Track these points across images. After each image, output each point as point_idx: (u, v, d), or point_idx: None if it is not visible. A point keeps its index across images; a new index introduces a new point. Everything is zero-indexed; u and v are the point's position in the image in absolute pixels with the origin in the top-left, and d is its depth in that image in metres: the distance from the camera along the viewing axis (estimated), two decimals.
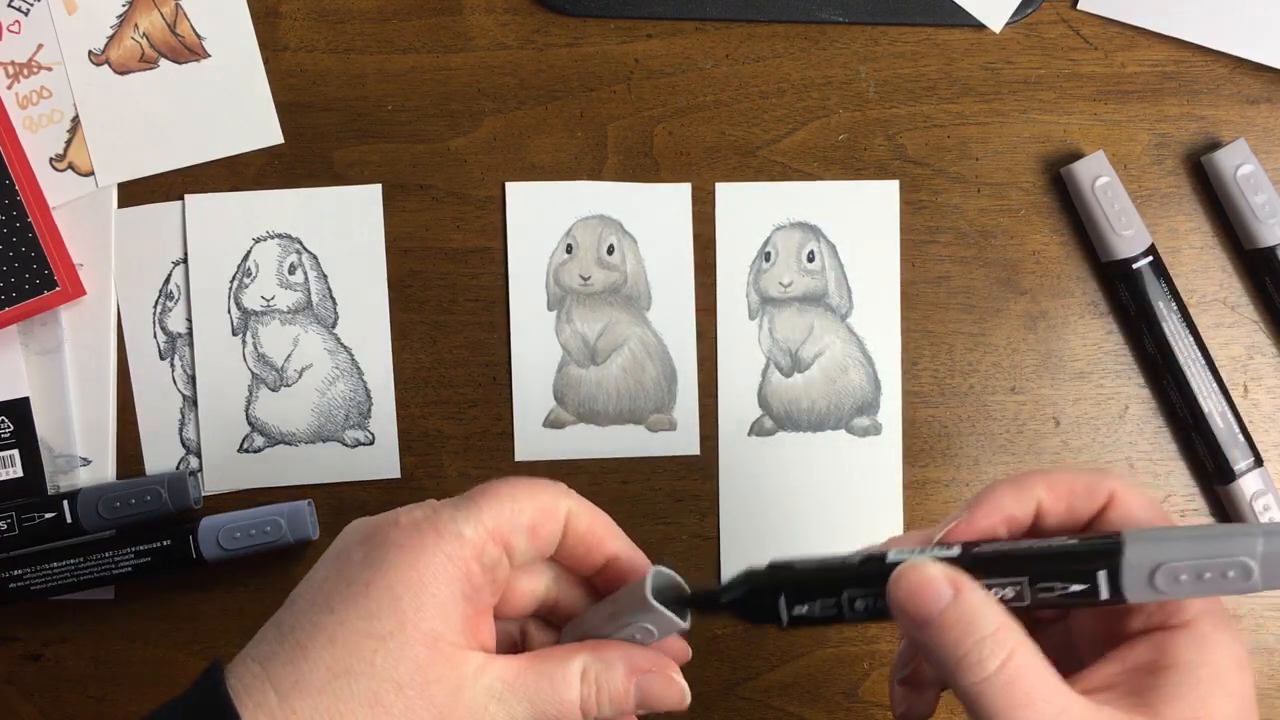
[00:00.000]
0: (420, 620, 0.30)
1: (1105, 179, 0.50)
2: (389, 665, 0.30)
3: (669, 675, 0.34)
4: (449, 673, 0.30)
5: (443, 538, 0.31)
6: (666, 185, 0.52)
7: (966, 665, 0.29)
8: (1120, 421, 0.51)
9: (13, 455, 0.51)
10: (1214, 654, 0.29)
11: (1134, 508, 0.31)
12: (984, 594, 0.29)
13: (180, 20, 0.52)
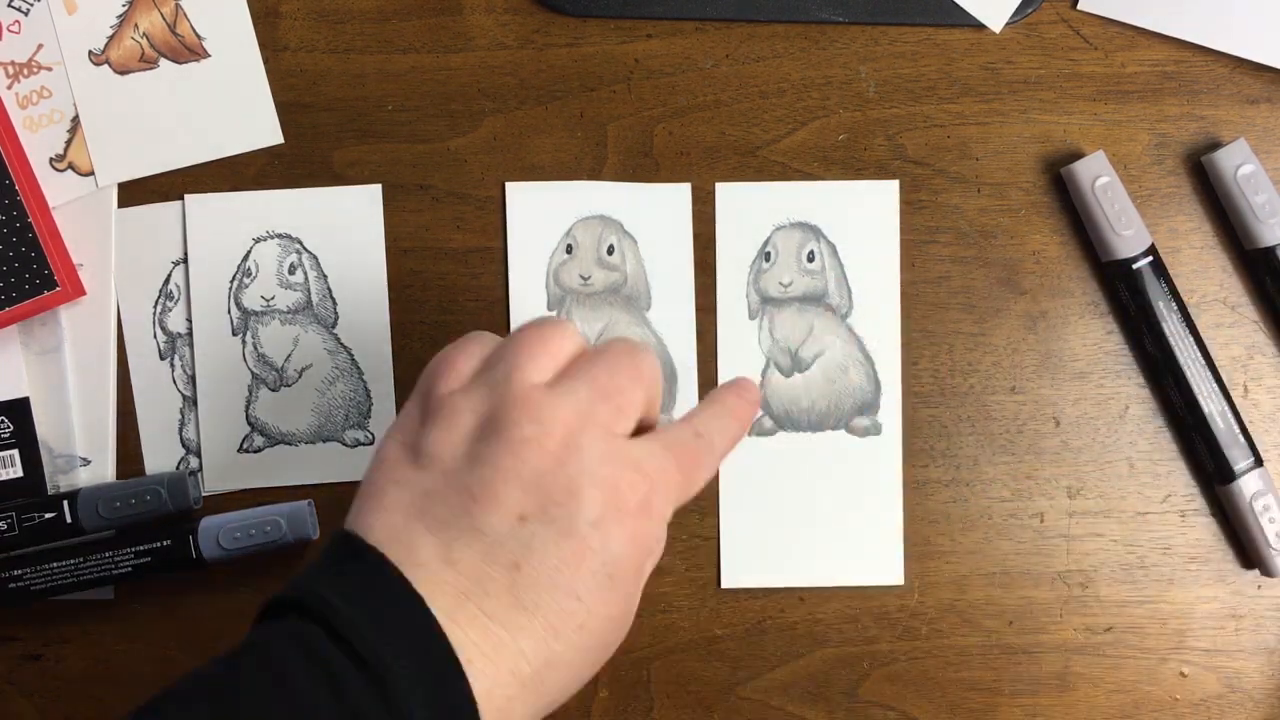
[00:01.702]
0: (646, 560, 0.36)
1: (1105, 179, 0.50)
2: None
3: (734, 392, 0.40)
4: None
5: (606, 420, 0.37)
6: (666, 185, 0.52)
7: None
8: (1120, 421, 0.52)
9: (13, 455, 0.51)
10: None
11: None
12: None
13: (180, 20, 0.52)
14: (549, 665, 0.34)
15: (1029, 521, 0.51)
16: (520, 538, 0.33)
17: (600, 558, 0.34)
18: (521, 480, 0.33)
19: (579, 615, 0.34)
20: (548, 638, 0.33)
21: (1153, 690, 0.51)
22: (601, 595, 0.34)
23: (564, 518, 0.33)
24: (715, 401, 0.40)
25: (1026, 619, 0.51)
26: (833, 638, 0.51)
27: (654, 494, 0.35)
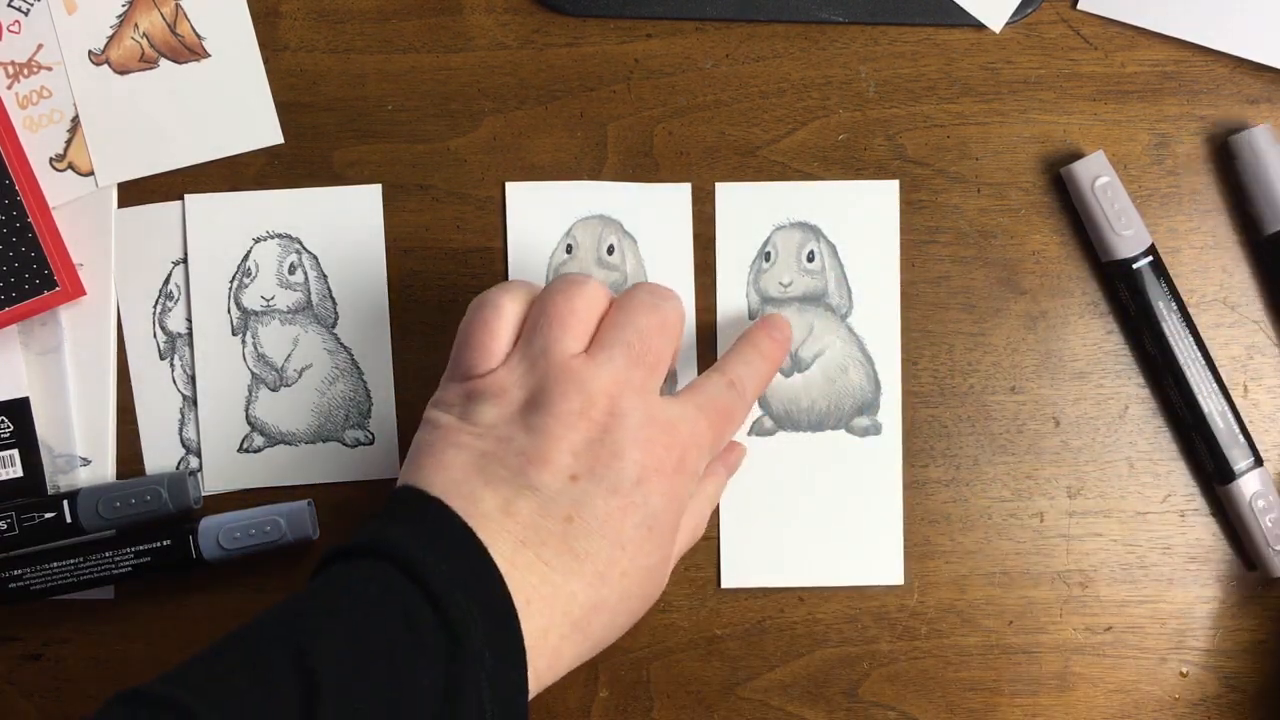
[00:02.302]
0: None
1: (1105, 179, 0.50)
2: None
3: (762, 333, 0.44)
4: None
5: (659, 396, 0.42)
6: (666, 185, 0.52)
7: None
8: (1120, 421, 0.52)
9: (13, 455, 0.51)
10: None
11: None
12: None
13: (180, 20, 0.52)
14: (596, 609, 0.37)
15: (1029, 521, 0.51)
16: (572, 494, 0.37)
17: (642, 512, 0.38)
18: (573, 446, 0.37)
19: (622, 562, 0.37)
20: (596, 583, 0.37)
21: (1153, 690, 0.51)
22: (642, 545, 0.38)
23: (610, 476, 0.37)
24: (748, 343, 0.44)
25: (1026, 619, 0.51)
26: (833, 638, 0.51)
27: (687, 453, 0.40)
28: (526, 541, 0.36)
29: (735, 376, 0.43)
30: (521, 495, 0.36)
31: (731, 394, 0.42)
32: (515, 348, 0.40)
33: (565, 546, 0.36)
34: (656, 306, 0.41)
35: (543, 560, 0.36)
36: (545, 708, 0.51)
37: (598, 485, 0.37)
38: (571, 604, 0.36)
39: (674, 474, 0.39)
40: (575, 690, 0.51)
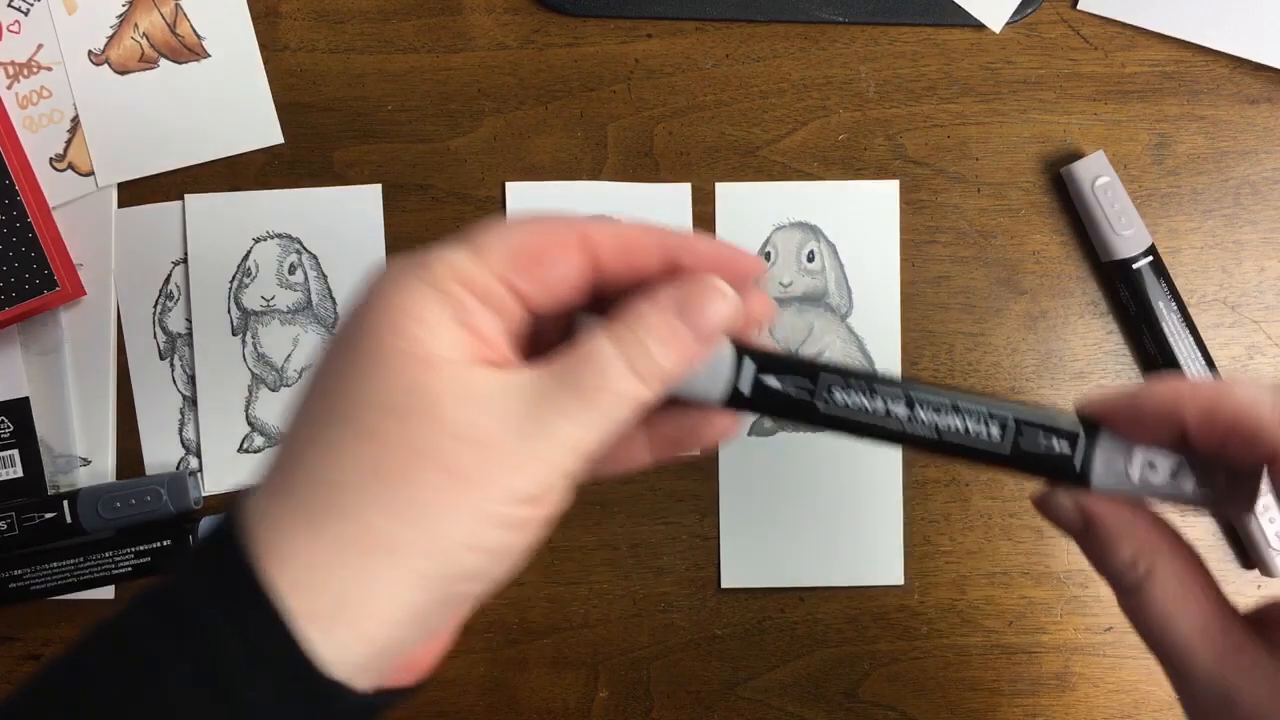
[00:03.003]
0: (403, 343, 0.27)
1: (1105, 179, 0.50)
2: (380, 396, 0.26)
3: (703, 281, 0.29)
4: (458, 387, 0.26)
5: (418, 266, 0.28)
6: (666, 185, 0.52)
7: (1110, 583, 0.30)
8: None
9: (13, 455, 0.51)
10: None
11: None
12: (1117, 522, 0.29)
13: (180, 20, 0.52)
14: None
15: (1029, 521, 0.51)
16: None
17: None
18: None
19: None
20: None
21: (1153, 690, 0.51)
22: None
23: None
24: (658, 310, 0.29)
25: (1026, 619, 0.51)
26: (833, 638, 0.51)
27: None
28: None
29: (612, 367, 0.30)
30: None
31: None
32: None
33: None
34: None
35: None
36: (545, 707, 0.51)
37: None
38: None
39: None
40: (575, 690, 0.51)
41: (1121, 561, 0.29)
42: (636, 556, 0.51)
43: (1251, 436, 0.27)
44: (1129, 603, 0.30)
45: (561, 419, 0.27)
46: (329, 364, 0.28)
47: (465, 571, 0.27)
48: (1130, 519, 0.29)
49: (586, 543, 0.51)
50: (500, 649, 0.51)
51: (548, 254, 0.28)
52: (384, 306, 0.27)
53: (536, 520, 0.28)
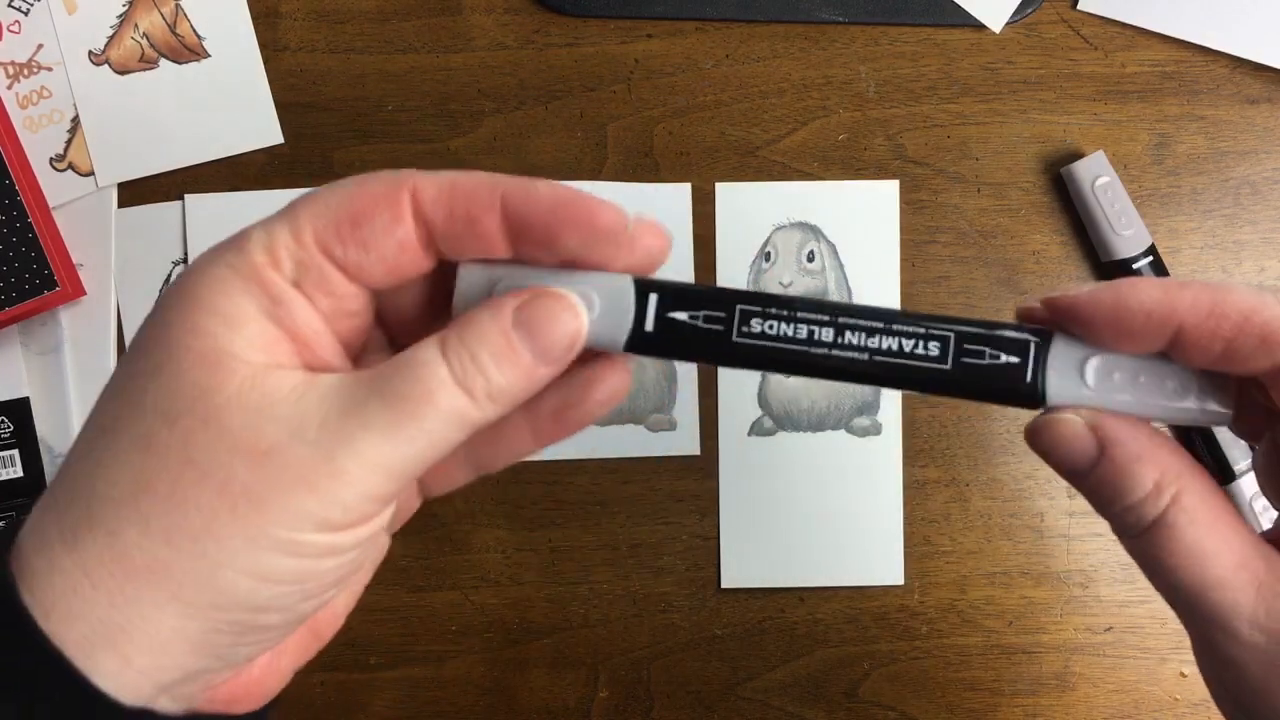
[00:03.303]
0: (195, 339, 0.23)
1: (1105, 179, 0.50)
2: (160, 399, 0.23)
3: (548, 292, 0.25)
4: (248, 391, 0.23)
5: (227, 248, 0.24)
6: (666, 185, 0.52)
7: (1120, 523, 0.25)
8: None
9: (13, 455, 0.51)
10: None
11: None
12: (1137, 443, 0.24)
13: (180, 20, 0.52)
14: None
15: (1029, 521, 0.51)
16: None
17: None
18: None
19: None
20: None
21: (1153, 690, 0.51)
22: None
23: None
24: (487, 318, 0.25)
25: (1026, 619, 0.51)
26: (833, 638, 0.51)
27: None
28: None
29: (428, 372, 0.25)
30: None
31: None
32: None
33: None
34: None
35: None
36: (545, 707, 0.51)
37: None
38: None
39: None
40: (575, 690, 0.51)
41: (1143, 490, 0.24)
42: (636, 556, 0.51)
43: (1263, 339, 0.23)
44: (1147, 542, 0.24)
45: (368, 433, 0.23)
46: (122, 365, 0.24)
47: (248, 602, 0.23)
48: (1150, 437, 0.25)
49: (586, 543, 0.51)
50: (500, 649, 0.51)
51: (368, 210, 0.25)
52: (184, 300, 0.24)
53: (343, 545, 0.24)
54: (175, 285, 0.24)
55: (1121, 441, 0.24)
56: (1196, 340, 0.24)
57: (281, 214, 0.25)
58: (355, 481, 0.23)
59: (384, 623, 0.51)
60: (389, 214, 0.25)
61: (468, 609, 0.51)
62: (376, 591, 0.51)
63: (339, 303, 0.25)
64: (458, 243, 0.25)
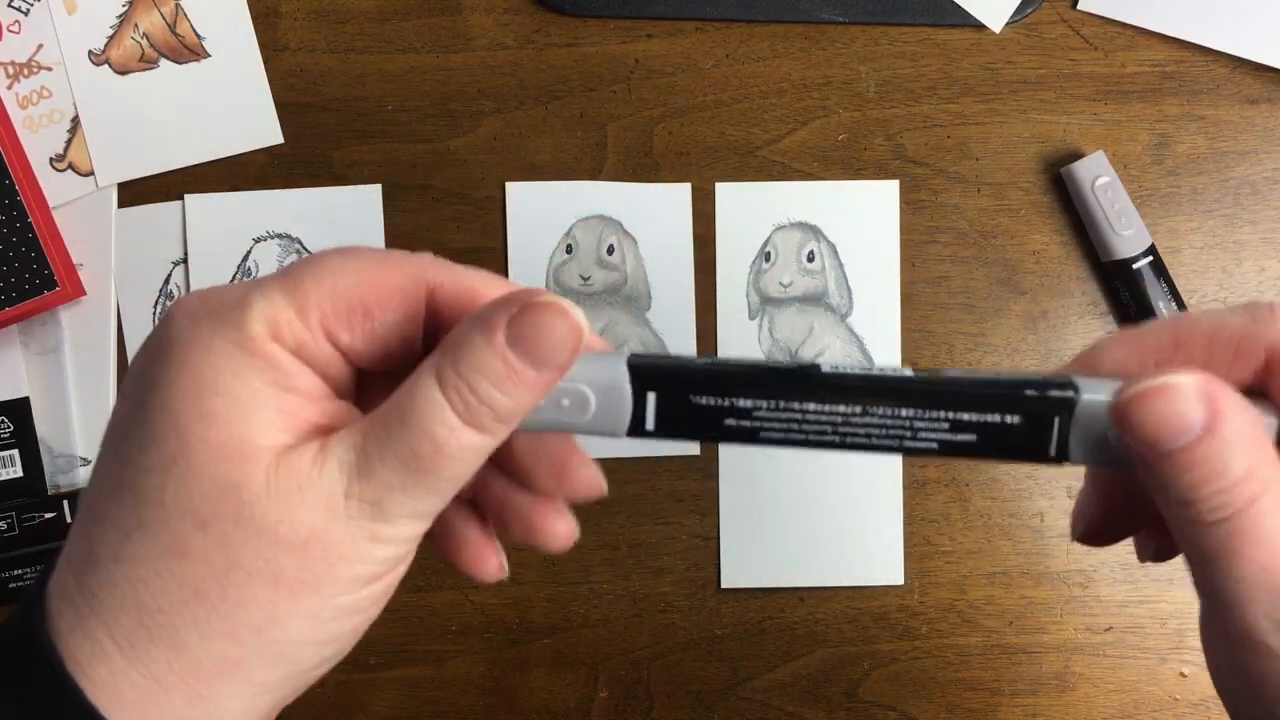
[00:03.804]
0: (209, 429, 0.22)
1: (1105, 179, 0.50)
2: (183, 500, 0.22)
3: (541, 303, 0.23)
4: (275, 481, 0.22)
5: (224, 321, 0.23)
6: (666, 185, 0.52)
7: (1197, 510, 0.23)
8: None
9: (13, 455, 0.51)
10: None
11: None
12: (1244, 421, 0.23)
13: (180, 20, 0.52)
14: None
15: (1029, 521, 0.51)
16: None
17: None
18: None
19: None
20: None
21: (1153, 690, 0.51)
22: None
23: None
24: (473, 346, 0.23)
25: (1026, 619, 0.51)
26: (833, 638, 0.51)
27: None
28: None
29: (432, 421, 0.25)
30: None
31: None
32: None
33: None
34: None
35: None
36: (545, 707, 0.51)
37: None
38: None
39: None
40: (575, 690, 0.51)
41: (1240, 471, 0.22)
42: (636, 556, 0.51)
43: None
44: (1231, 528, 0.23)
45: (392, 493, 0.23)
46: (125, 444, 0.23)
47: (312, 662, 0.24)
48: (1257, 422, 0.23)
49: (586, 543, 0.51)
50: (500, 649, 0.51)
51: (380, 304, 0.24)
52: (184, 377, 0.23)
53: (386, 588, 0.25)
54: (169, 356, 0.23)
55: (1235, 416, 0.23)
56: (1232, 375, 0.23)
57: (283, 282, 0.24)
58: (393, 537, 0.23)
59: (384, 623, 0.51)
60: (403, 312, 0.24)
61: (468, 609, 0.51)
62: None
63: (333, 374, 0.25)
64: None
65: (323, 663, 0.24)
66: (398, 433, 0.23)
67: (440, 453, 0.23)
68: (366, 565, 0.23)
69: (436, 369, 0.23)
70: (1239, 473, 0.23)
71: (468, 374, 0.23)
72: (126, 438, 0.23)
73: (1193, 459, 0.23)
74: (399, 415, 0.23)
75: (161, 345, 0.23)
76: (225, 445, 0.22)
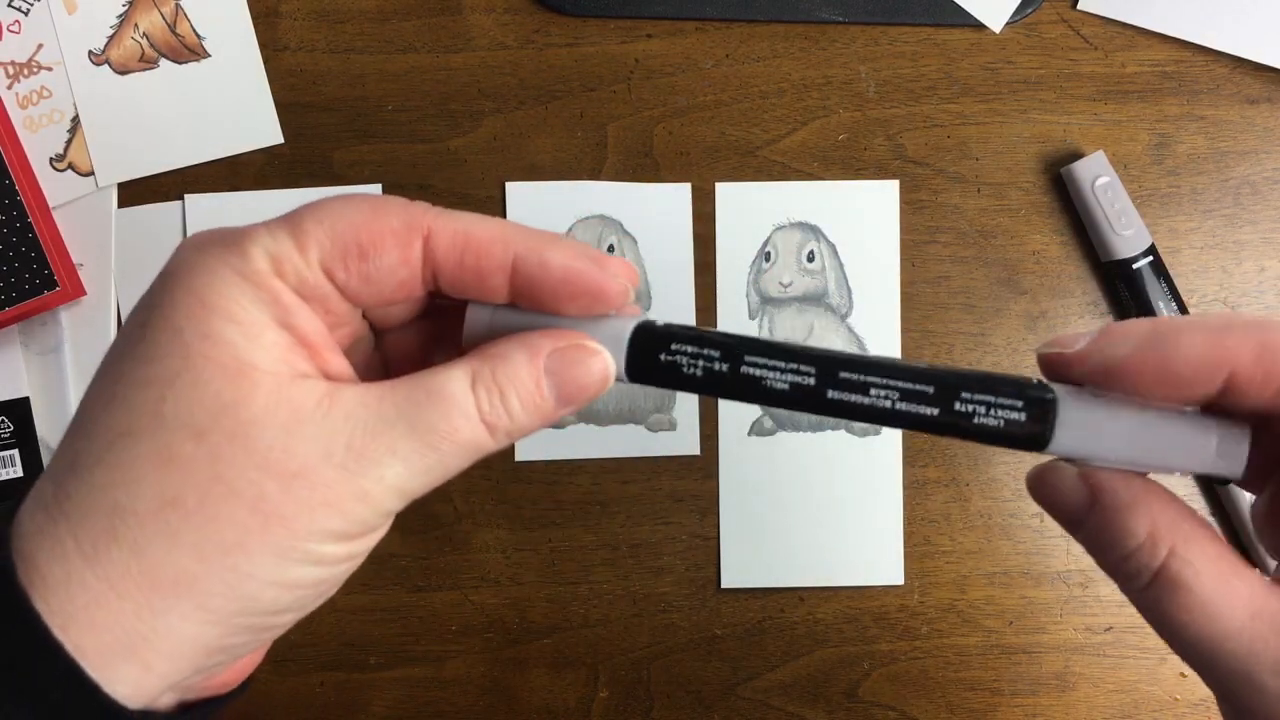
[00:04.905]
0: (213, 348, 0.23)
1: (1105, 179, 0.50)
2: (181, 411, 0.22)
3: (584, 345, 0.25)
4: (275, 407, 0.23)
5: (229, 250, 0.24)
6: (666, 185, 0.52)
7: (1120, 577, 0.24)
8: None
9: (13, 455, 0.51)
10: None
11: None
12: (1128, 492, 0.24)
13: (180, 20, 0.52)
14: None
15: (1029, 521, 0.51)
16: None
17: None
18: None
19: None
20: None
21: (1153, 690, 0.51)
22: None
23: None
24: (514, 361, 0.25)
25: (1026, 619, 0.51)
26: (833, 638, 0.51)
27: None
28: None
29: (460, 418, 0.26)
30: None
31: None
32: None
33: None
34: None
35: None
36: (545, 707, 0.51)
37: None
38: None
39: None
40: (575, 690, 0.51)
41: (1136, 540, 0.23)
42: (636, 556, 0.51)
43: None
44: (1153, 598, 0.23)
45: (393, 459, 0.23)
46: (123, 363, 0.24)
47: (268, 608, 0.24)
48: (1143, 488, 0.24)
49: (586, 543, 0.51)
50: (500, 649, 0.51)
51: (378, 244, 0.25)
52: (190, 299, 0.23)
53: (358, 551, 0.25)
54: (174, 280, 0.24)
55: (1112, 490, 0.24)
56: (1249, 386, 0.23)
57: (285, 222, 0.25)
58: (375, 502, 0.24)
59: (384, 623, 0.51)
60: (398, 254, 0.25)
61: (468, 609, 0.51)
62: (376, 591, 0.51)
63: (335, 316, 0.25)
64: (460, 289, 0.26)
65: (274, 613, 0.24)
66: (422, 405, 0.23)
67: (451, 437, 0.24)
68: (343, 519, 0.23)
69: (473, 368, 0.24)
70: (1135, 541, 0.23)
71: (502, 383, 0.24)
72: (125, 355, 0.24)
73: (1092, 530, 0.24)
74: (425, 390, 0.24)
75: (167, 272, 0.24)
76: (228, 365, 0.23)
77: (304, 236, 0.24)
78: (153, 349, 0.23)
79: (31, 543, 0.23)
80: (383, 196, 0.25)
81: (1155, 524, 0.23)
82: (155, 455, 0.22)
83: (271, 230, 0.25)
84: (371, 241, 0.24)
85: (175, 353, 0.23)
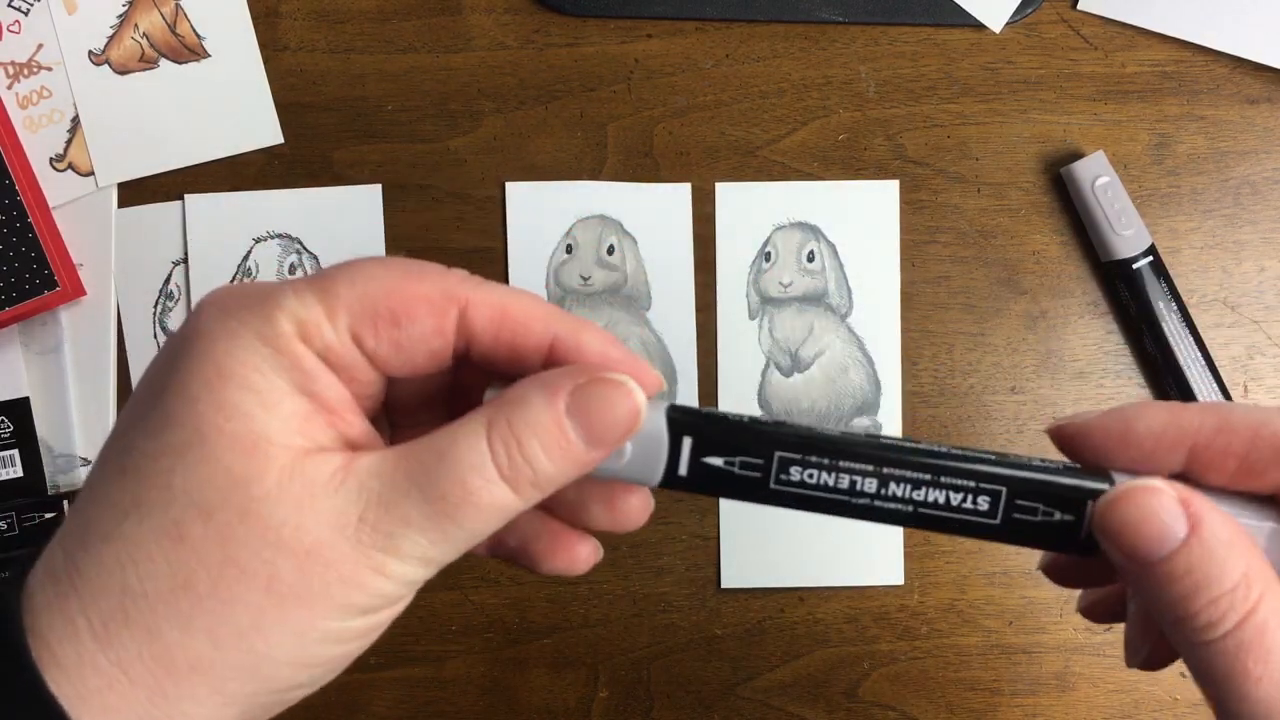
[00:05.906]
0: (227, 421, 0.22)
1: (1105, 179, 0.50)
2: (191, 486, 0.22)
3: (608, 379, 0.23)
4: (288, 482, 0.22)
5: (253, 313, 0.23)
6: (666, 185, 0.52)
7: (1194, 622, 0.22)
8: None
9: (13, 455, 0.51)
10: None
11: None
12: (1229, 528, 0.22)
13: (180, 20, 0.52)
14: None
15: None
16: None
17: None
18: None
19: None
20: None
21: (1153, 690, 0.51)
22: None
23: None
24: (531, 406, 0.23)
25: (1026, 619, 0.51)
26: (833, 638, 0.51)
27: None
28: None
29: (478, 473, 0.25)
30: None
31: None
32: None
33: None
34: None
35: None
36: (545, 707, 0.51)
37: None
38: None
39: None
40: (575, 690, 0.51)
41: (1231, 580, 0.21)
42: (636, 556, 0.51)
43: (1276, 452, 0.23)
44: (1226, 646, 0.21)
45: (408, 529, 0.22)
46: (135, 431, 0.23)
47: (289, 684, 0.23)
48: (1238, 526, 0.22)
49: None
50: (500, 649, 0.51)
51: (411, 312, 0.23)
52: (207, 367, 0.22)
53: (381, 622, 0.24)
54: (192, 345, 0.23)
55: (1214, 522, 0.22)
56: (1210, 459, 0.23)
57: (315, 285, 0.23)
58: (395, 575, 0.23)
59: None
60: (432, 324, 0.24)
61: (468, 609, 0.51)
62: None
63: (360, 385, 0.24)
64: (492, 362, 0.25)
65: (294, 689, 0.23)
66: (432, 470, 0.22)
67: (468, 501, 0.22)
68: (363, 594, 0.23)
69: (488, 418, 0.22)
70: (1231, 581, 0.22)
71: (520, 431, 0.22)
72: (138, 422, 0.23)
73: (1180, 567, 0.22)
74: (436, 453, 0.22)
75: (186, 334, 0.23)
76: (242, 438, 0.22)
77: (334, 300, 0.23)
78: (165, 418, 0.22)
79: (43, 619, 0.22)
80: (418, 261, 0.24)
81: (1250, 566, 0.22)
82: (165, 533, 0.22)
83: (299, 293, 0.23)
84: (405, 308, 0.23)
85: (188, 423, 0.22)
